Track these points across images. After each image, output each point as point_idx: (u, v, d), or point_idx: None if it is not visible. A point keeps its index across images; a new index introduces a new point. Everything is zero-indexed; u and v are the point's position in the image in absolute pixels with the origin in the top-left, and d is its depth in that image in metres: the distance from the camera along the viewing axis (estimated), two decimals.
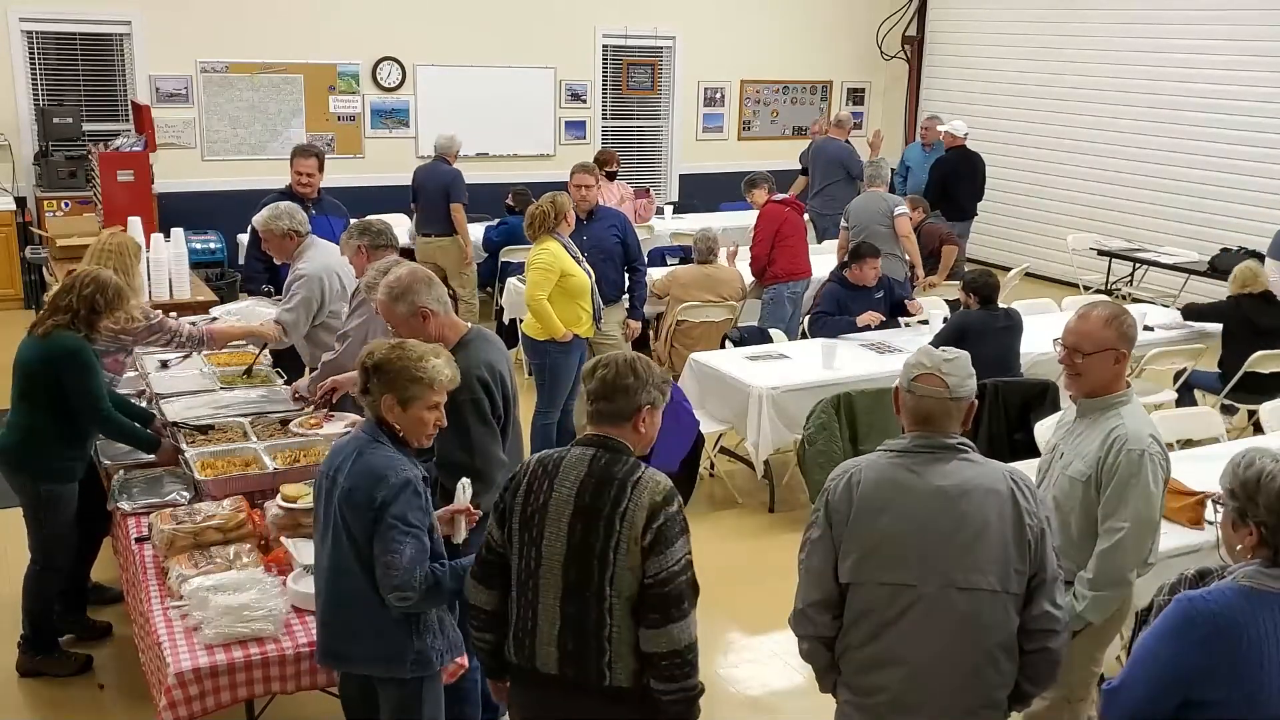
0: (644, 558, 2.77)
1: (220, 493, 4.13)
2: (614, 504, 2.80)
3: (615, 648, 2.82)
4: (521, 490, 2.91)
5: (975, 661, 2.77)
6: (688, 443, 5.95)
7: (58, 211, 9.24)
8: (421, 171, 9.15)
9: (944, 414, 2.81)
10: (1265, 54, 10.21)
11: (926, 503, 2.76)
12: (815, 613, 2.89)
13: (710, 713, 4.58)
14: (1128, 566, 3.27)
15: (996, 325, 6.38)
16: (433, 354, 3.17)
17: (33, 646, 4.51)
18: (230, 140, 10.74)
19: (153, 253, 6.47)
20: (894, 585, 2.77)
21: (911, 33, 13.60)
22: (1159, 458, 3.28)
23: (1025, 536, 2.75)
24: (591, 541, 2.80)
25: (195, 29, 10.36)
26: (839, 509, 2.84)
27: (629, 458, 2.88)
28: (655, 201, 10.68)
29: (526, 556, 2.88)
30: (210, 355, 5.63)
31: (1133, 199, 11.43)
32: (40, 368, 4.22)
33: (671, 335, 7.55)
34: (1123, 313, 3.43)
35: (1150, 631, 2.53)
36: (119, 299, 4.35)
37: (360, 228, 5.05)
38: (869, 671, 2.83)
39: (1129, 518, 3.23)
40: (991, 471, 2.81)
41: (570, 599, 2.83)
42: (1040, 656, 2.81)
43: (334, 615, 3.17)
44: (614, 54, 12.36)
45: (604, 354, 3.01)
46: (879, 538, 2.78)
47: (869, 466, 2.86)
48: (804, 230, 8.24)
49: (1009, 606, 2.76)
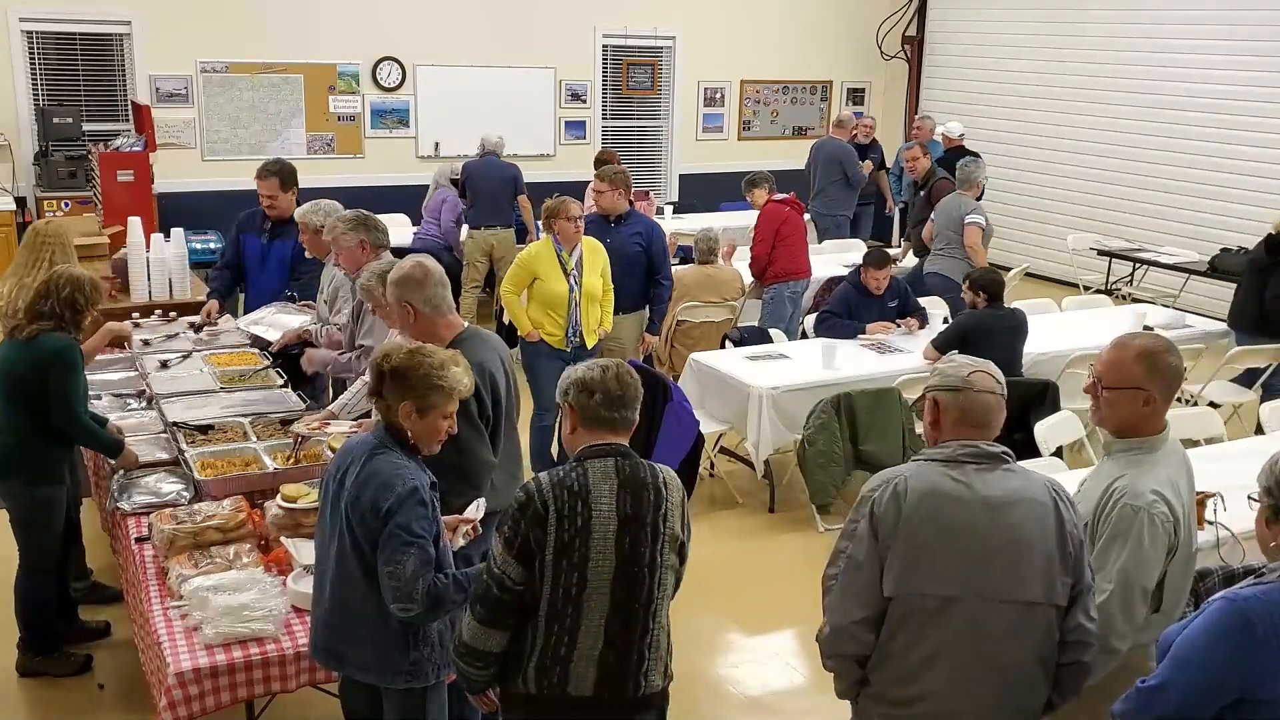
0: (686, 551, 2.90)
1: (220, 493, 4.13)
2: (654, 508, 2.84)
3: (654, 653, 2.87)
4: (551, 520, 2.78)
5: (1016, 673, 2.72)
6: (688, 443, 5.94)
7: (58, 211, 9.22)
8: (475, 167, 9.30)
9: (997, 414, 2.77)
10: (1265, 54, 10.21)
11: (974, 515, 2.69)
12: (860, 630, 2.74)
13: (710, 713, 4.60)
14: (1111, 632, 2.90)
15: (1003, 326, 6.32)
16: (452, 362, 3.13)
17: (32, 647, 4.50)
18: (230, 140, 10.74)
19: (153, 253, 6.46)
20: (938, 597, 2.69)
21: (911, 33, 13.59)
22: (1161, 519, 2.93)
23: (1068, 548, 2.71)
24: (640, 550, 2.82)
25: (195, 29, 10.36)
26: (886, 520, 2.70)
27: (640, 460, 2.92)
28: (654, 203, 10.68)
29: (566, 584, 2.79)
30: (210, 355, 5.63)
31: (1133, 199, 11.43)
32: (27, 371, 4.20)
33: (671, 335, 7.55)
34: (1164, 349, 3.06)
35: (1196, 632, 2.45)
36: (96, 292, 4.39)
37: (362, 221, 5.01)
38: (908, 683, 2.74)
39: (1113, 579, 2.93)
40: (1035, 482, 2.76)
41: (616, 615, 2.81)
42: (1073, 669, 2.77)
43: (336, 617, 3.15)
44: (614, 54, 12.36)
45: (614, 361, 3.00)
46: (926, 549, 2.69)
47: (914, 476, 2.74)
48: (804, 230, 8.23)
49: (1051, 618, 2.72)
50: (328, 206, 5.44)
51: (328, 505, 3.16)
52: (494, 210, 9.21)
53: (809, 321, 7.55)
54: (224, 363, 5.54)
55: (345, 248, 5.03)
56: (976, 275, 6.57)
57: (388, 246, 5.08)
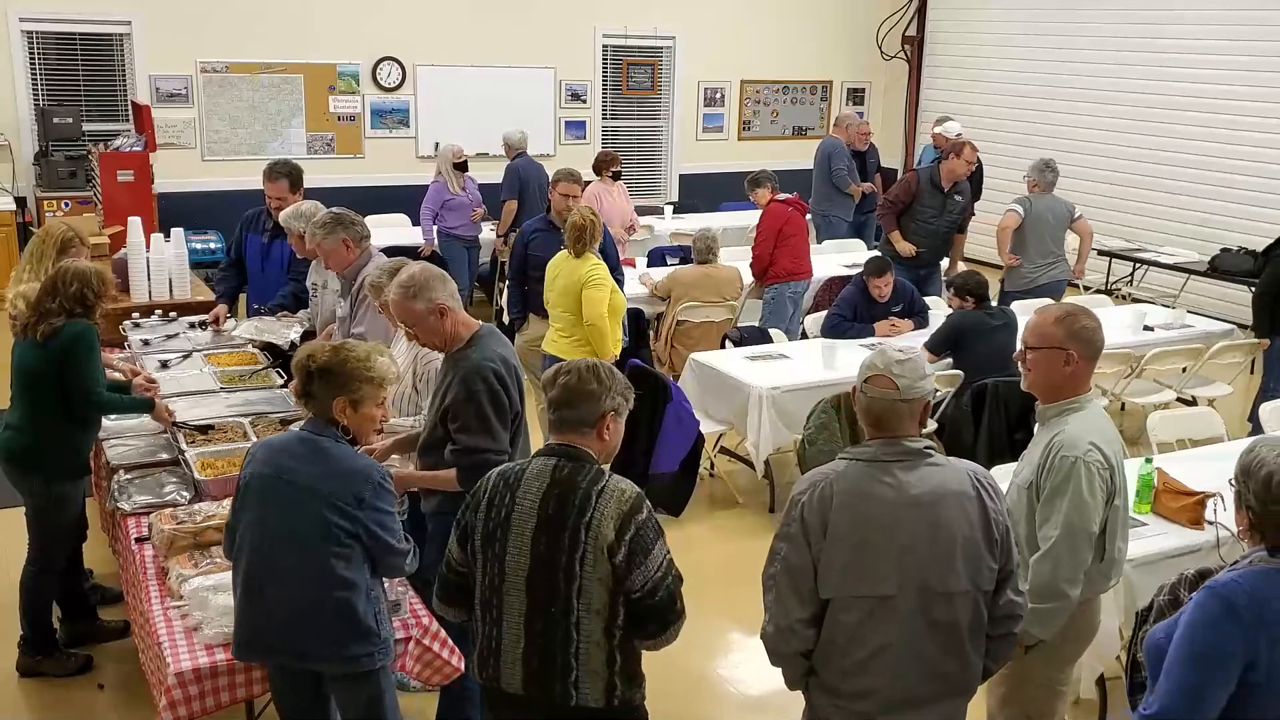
0: (623, 572, 2.71)
1: (220, 493, 4.12)
2: (579, 513, 2.73)
3: (583, 665, 2.75)
4: (482, 506, 2.85)
5: (954, 658, 2.80)
6: (688, 443, 5.95)
7: (58, 211, 9.23)
8: (527, 167, 9.37)
9: (895, 415, 2.78)
10: (1265, 54, 10.21)
11: (901, 513, 2.74)
12: (801, 627, 2.81)
13: (710, 713, 4.60)
14: (1060, 578, 3.15)
15: (992, 324, 6.36)
16: (377, 353, 3.23)
17: (33, 646, 4.51)
18: (230, 140, 10.74)
19: (153, 253, 6.45)
20: (873, 597, 2.74)
21: (911, 33, 13.60)
22: (1097, 466, 3.16)
23: (994, 535, 2.78)
24: (556, 554, 2.73)
25: (195, 29, 10.37)
26: (813, 525, 2.76)
27: (592, 466, 2.82)
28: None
29: (490, 573, 2.82)
30: (210, 355, 5.63)
31: (1133, 199, 11.42)
32: (44, 367, 4.22)
33: (671, 335, 7.55)
34: (1080, 313, 3.30)
35: (1181, 638, 2.49)
36: (104, 284, 4.36)
37: (337, 221, 5.00)
38: (855, 676, 2.80)
39: (1059, 525, 3.15)
40: (958, 474, 2.80)
41: (535, 615, 2.76)
42: (1003, 640, 2.89)
43: (291, 611, 3.13)
44: (614, 54, 12.36)
45: (566, 362, 2.96)
46: (858, 552, 2.74)
47: (840, 478, 2.79)
48: (806, 230, 8.23)
49: (980, 602, 2.80)
50: (308, 210, 5.39)
51: (272, 506, 3.13)
52: (537, 211, 9.22)
53: (809, 321, 7.55)
54: (224, 363, 5.54)
55: (329, 250, 5.05)
56: (959, 280, 6.56)
57: (368, 236, 5.12)
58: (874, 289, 7.06)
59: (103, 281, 4.36)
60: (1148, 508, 4.50)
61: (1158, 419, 5.67)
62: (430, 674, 3.55)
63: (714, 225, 9.24)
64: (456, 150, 9.16)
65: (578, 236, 5.75)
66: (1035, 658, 3.28)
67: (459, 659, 3.57)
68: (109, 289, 4.42)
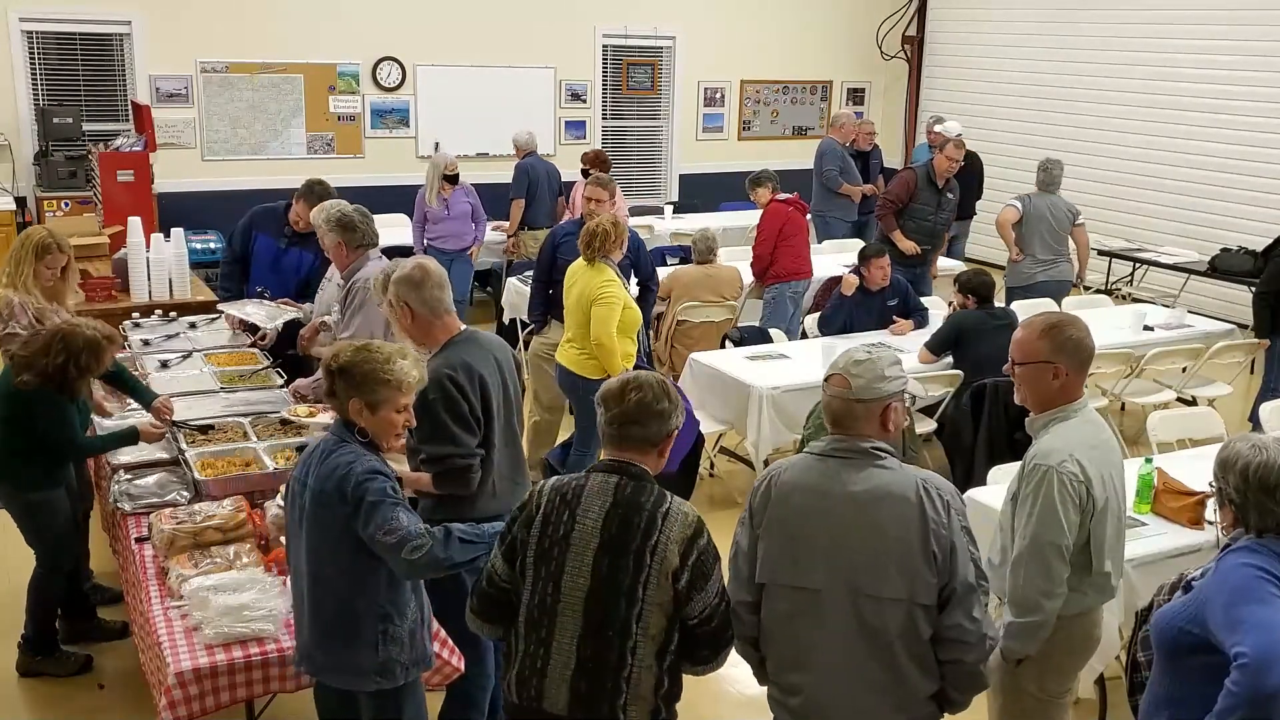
0: (684, 598, 2.69)
1: (220, 493, 4.13)
2: (644, 536, 2.70)
3: (633, 689, 2.70)
4: (536, 523, 2.77)
5: (885, 670, 2.72)
6: (688, 443, 5.95)
7: (58, 211, 9.22)
8: (536, 166, 9.47)
9: (849, 415, 2.77)
10: (1265, 54, 10.20)
11: (838, 508, 2.73)
12: (745, 612, 2.85)
13: (710, 713, 4.59)
14: (1030, 589, 3.08)
15: (993, 324, 6.33)
16: (399, 355, 3.13)
17: (33, 646, 4.51)
18: (230, 140, 10.74)
19: (153, 253, 6.46)
20: (801, 589, 2.74)
21: (911, 33, 13.59)
22: (1070, 477, 3.08)
23: (930, 547, 2.67)
24: (620, 577, 2.68)
25: (195, 29, 10.36)
26: (757, 508, 2.83)
27: (654, 486, 2.78)
28: None
29: (542, 593, 2.75)
30: (210, 355, 5.63)
31: (1133, 199, 11.42)
32: (18, 410, 4.18)
33: (671, 335, 7.55)
34: (1064, 324, 3.23)
35: (1225, 597, 2.49)
36: (96, 358, 4.16)
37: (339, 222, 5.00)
38: (788, 671, 2.82)
39: (1026, 536, 3.10)
40: (905, 480, 2.73)
41: (590, 638, 2.70)
42: (955, 668, 2.74)
43: (310, 621, 3.13)
44: (614, 54, 12.35)
45: (632, 375, 2.88)
46: (790, 540, 2.76)
47: (790, 468, 2.83)
48: (806, 230, 8.23)
49: (917, 616, 2.69)
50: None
51: (295, 510, 3.14)
52: (547, 210, 9.41)
53: (809, 321, 7.55)
54: (224, 363, 5.54)
55: (329, 246, 5.11)
56: (965, 277, 6.56)
57: (373, 245, 5.10)
58: (874, 270, 7.03)
59: (95, 355, 4.15)
60: (1148, 508, 4.50)
61: (1158, 419, 5.67)
62: (430, 674, 3.54)
63: (714, 225, 9.22)
64: (450, 163, 8.73)
65: (587, 243, 5.64)
66: (1029, 671, 3.24)
67: (459, 659, 3.57)
68: (102, 362, 4.21)
